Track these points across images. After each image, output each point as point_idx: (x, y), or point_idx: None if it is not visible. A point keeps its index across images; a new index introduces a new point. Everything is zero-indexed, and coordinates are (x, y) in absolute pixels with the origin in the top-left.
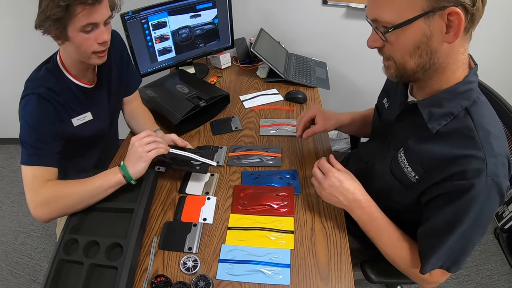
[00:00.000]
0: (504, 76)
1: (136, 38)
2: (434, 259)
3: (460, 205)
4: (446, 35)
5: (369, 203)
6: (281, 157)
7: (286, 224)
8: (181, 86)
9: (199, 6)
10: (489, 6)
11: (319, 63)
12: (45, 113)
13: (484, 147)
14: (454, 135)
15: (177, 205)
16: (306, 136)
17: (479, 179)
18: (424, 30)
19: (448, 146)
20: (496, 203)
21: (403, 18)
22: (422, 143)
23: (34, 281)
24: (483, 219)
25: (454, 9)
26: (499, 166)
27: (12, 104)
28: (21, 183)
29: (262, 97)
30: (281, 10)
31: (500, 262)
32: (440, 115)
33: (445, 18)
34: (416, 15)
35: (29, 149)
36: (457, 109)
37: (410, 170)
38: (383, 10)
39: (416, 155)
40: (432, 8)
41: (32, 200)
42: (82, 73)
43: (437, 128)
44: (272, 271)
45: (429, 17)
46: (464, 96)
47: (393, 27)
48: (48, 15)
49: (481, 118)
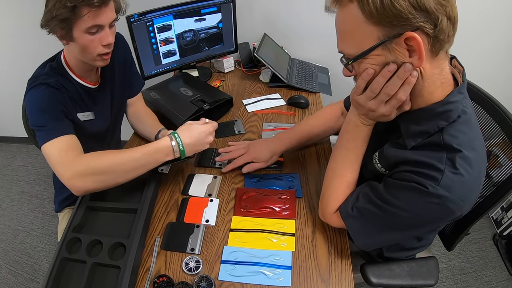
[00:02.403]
0: (504, 82)
1: (141, 41)
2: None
3: (403, 193)
4: (411, 59)
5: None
6: (283, 161)
7: (288, 227)
8: (185, 89)
9: (204, 10)
10: (488, 12)
11: (322, 69)
12: (54, 96)
13: (447, 163)
14: (424, 148)
15: (180, 206)
16: (246, 171)
17: (430, 184)
18: (385, 56)
19: (416, 154)
20: (436, 216)
21: (362, 49)
22: (394, 148)
23: (33, 280)
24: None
25: (410, 34)
26: (456, 184)
27: (13, 103)
28: (21, 182)
29: (264, 101)
30: (284, 16)
31: (499, 268)
32: (417, 133)
33: (403, 44)
34: (372, 46)
35: (45, 128)
36: (434, 128)
37: (380, 166)
38: (345, 43)
39: (385, 154)
40: (387, 37)
41: (67, 170)
42: (86, 73)
43: (412, 145)
44: (273, 273)
45: (387, 45)
46: (443, 116)
47: (352, 59)
48: (55, 15)
49: (452, 138)
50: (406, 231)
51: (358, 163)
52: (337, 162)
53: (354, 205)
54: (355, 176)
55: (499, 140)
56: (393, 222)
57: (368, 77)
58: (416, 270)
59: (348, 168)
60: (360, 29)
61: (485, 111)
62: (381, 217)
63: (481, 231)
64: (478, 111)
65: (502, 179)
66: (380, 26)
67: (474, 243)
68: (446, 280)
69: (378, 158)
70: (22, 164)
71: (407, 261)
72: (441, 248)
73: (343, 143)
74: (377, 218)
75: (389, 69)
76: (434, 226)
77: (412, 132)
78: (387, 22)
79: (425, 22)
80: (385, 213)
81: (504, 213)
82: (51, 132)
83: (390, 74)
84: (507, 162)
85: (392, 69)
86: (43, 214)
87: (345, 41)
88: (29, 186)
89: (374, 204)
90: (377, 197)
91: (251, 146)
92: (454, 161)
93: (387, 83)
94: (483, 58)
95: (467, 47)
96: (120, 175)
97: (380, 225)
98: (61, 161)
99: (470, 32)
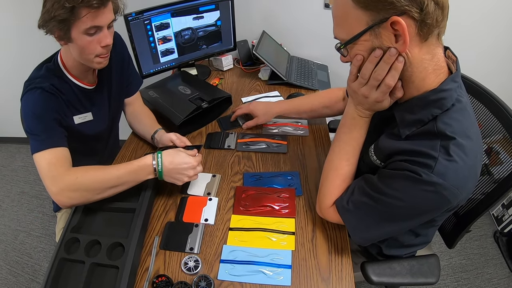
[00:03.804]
0: (507, 81)
1: (139, 39)
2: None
3: (397, 182)
4: (397, 44)
5: (362, 123)
6: (287, 144)
7: (287, 225)
8: (184, 87)
9: (202, 8)
10: (490, 9)
11: (321, 66)
12: (49, 102)
13: (441, 150)
14: (418, 137)
15: (178, 206)
16: (247, 127)
17: (424, 171)
18: (372, 42)
19: (410, 144)
20: (431, 203)
21: (352, 34)
22: (389, 139)
23: (33, 280)
24: (406, 208)
25: (395, 18)
26: (450, 170)
27: (12, 104)
28: (20, 183)
29: (264, 99)
30: (283, 13)
31: (500, 265)
32: (411, 122)
33: (390, 28)
34: (360, 31)
35: (38, 137)
36: (428, 117)
37: (375, 159)
38: (338, 29)
39: (380, 146)
40: (374, 21)
41: (54, 185)
42: (83, 74)
43: (407, 134)
44: (273, 272)
45: (374, 30)
46: (436, 104)
47: (343, 44)
48: (53, 15)
49: (446, 126)
50: (402, 222)
51: (355, 155)
52: (334, 154)
53: (349, 199)
54: (352, 170)
55: (500, 137)
56: (389, 213)
57: (358, 63)
58: (417, 268)
59: (345, 160)
60: (350, 14)
61: (485, 107)
62: (377, 208)
63: (482, 229)
64: (479, 107)
65: (503, 176)
66: (368, 10)
67: (475, 240)
68: (447, 277)
69: (373, 151)
70: (21, 165)
71: (407, 259)
72: (442, 245)
73: (341, 136)
74: (372, 210)
75: (375, 54)
76: (430, 216)
77: (406, 121)
78: (373, 7)
79: (410, 6)
80: (380, 204)
81: (505, 210)
82: (43, 143)
83: (377, 60)
84: (508, 159)
85: (378, 54)
86: (43, 215)
87: (337, 26)
88: (29, 186)
89: (369, 196)
90: (371, 189)
91: (253, 102)
92: (448, 148)
93: (375, 69)
94: (486, 56)
95: (468, 45)
96: (104, 191)
97: (376, 217)
98: (49, 174)
99: (473, 31)
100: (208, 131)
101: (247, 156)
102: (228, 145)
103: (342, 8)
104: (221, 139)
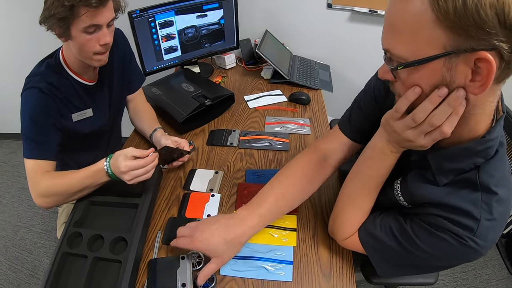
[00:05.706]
0: None
1: (143, 36)
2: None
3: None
4: (471, 83)
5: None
6: (289, 142)
7: (289, 222)
8: (187, 85)
9: (205, 6)
10: None
11: (323, 66)
12: (45, 106)
13: (483, 208)
14: (456, 187)
15: (181, 201)
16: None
17: (466, 235)
18: (442, 74)
19: (447, 194)
20: (466, 259)
21: (419, 55)
22: (421, 182)
23: (33, 276)
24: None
25: (484, 54)
26: (490, 231)
27: (13, 100)
28: (21, 178)
29: (266, 97)
30: (286, 13)
31: (498, 266)
32: (450, 170)
33: (472, 64)
34: (434, 54)
35: (30, 143)
36: (470, 166)
37: (402, 200)
38: (397, 41)
39: (411, 190)
40: (456, 48)
41: (33, 191)
42: (83, 70)
43: (444, 182)
44: (275, 268)
45: (451, 58)
46: (481, 154)
47: (403, 64)
48: (53, 13)
49: (490, 178)
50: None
51: (377, 192)
52: (355, 188)
53: (375, 235)
54: (372, 204)
55: None
56: (418, 264)
57: (413, 97)
58: None
59: (367, 197)
60: (424, 30)
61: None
62: (406, 257)
63: None
64: None
65: None
66: (452, 33)
67: None
68: (445, 278)
69: (400, 190)
70: (22, 161)
71: None
72: None
73: (365, 170)
74: (400, 256)
75: (440, 93)
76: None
77: (444, 169)
78: (463, 31)
79: (505, 42)
80: (411, 254)
81: None
82: (32, 151)
83: (440, 100)
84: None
85: (443, 94)
86: (43, 211)
87: (397, 38)
88: None
89: (399, 243)
90: (402, 237)
91: (199, 227)
92: (491, 206)
93: (434, 111)
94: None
95: None
96: (73, 195)
97: (403, 262)
98: (31, 180)
99: None
100: (211, 128)
101: (249, 153)
102: (230, 143)
103: (414, 19)
104: (224, 136)
